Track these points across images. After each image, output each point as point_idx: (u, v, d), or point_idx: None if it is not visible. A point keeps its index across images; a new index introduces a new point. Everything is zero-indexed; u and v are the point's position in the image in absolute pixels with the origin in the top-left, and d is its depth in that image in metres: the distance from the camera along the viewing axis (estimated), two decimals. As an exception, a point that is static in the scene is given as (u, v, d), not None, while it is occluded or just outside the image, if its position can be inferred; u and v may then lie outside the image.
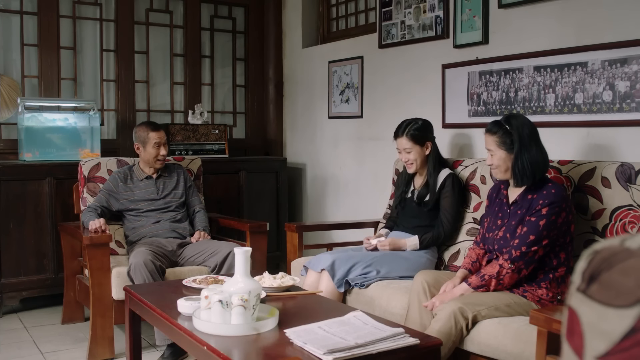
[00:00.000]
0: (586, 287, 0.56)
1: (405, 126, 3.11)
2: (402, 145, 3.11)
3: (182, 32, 4.90)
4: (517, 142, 2.37)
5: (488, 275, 2.33)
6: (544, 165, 2.39)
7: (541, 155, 2.38)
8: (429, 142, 3.11)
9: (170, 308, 2.26)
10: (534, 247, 2.28)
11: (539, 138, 2.43)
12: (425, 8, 3.73)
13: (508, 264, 2.30)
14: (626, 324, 0.51)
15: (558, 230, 2.31)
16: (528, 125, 2.41)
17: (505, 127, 2.40)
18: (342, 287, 2.80)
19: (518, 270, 2.30)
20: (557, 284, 2.35)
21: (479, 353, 2.26)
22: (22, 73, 4.32)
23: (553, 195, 2.30)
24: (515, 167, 2.38)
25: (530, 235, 2.29)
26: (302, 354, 1.79)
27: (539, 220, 2.28)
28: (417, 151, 3.08)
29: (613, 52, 2.75)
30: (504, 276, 2.31)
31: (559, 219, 2.29)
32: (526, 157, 2.36)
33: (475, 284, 2.35)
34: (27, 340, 3.45)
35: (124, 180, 3.54)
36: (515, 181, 2.42)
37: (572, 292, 0.58)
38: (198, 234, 3.49)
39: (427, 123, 3.16)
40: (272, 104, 5.21)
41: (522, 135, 2.37)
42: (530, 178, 2.37)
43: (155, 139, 3.49)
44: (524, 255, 2.28)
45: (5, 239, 3.79)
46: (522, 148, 2.36)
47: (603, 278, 0.54)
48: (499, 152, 2.42)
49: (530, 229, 2.30)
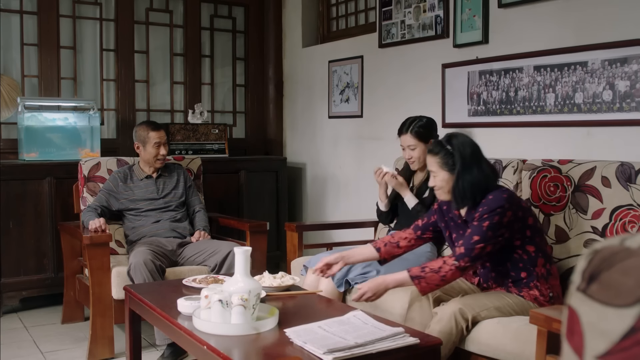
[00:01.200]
0: (586, 286, 0.56)
1: (410, 123, 3.11)
2: (406, 142, 3.11)
3: (182, 31, 4.90)
4: (459, 162, 2.32)
5: (429, 269, 2.28)
6: (486, 185, 2.33)
7: (482, 176, 2.32)
8: (432, 140, 3.11)
9: (170, 308, 2.25)
10: (479, 245, 2.24)
11: (482, 157, 2.37)
12: (425, 8, 3.73)
13: (452, 260, 2.27)
14: (626, 323, 0.51)
15: (508, 229, 2.28)
16: (470, 145, 2.36)
17: (447, 148, 2.36)
18: (342, 286, 2.80)
19: (463, 268, 2.26)
20: (545, 279, 2.34)
21: (479, 353, 2.26)
22: (22, 73, 4.32)
23: (491, 201, 2.27)
24: (455, 188, 2.34)
25: (474, 236, 2.26)
26: (302, 353, 1.79)
27: (481, 223, 2.26)
28: (421, 149, 3.08)
29: (613, 52, 2.75)
30: (446, 272, 2.26)
31: (504, 219, 2.25)
32: (467, 179, 2.31)
33: (414, 274, 2.30)
34: (27, 340, 3.45)
35: (123, 180, 3.54)
36: (455, 203, 2.38)
37: (572, 292, 0.58)
38: (198, 233, 3.49)
39: (431, 121, 3.16)
40: (272, 103, 5.21)
41: (463, 156, 2.33)
42: (469, 199, 2.33)
43: (155, 138, 3.49)
44: (468, 252, 2.25)
45: (5, 239, 3.79)
46: (464, 169, 2.32)
47: (603, 277, 0.54)
48: (441, 174, 2.37)
49: (474, 230, 2.28)
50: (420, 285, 2.28)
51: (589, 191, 2.56)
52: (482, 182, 2.32)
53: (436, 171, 2.39)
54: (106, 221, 3.31)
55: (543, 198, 2.73)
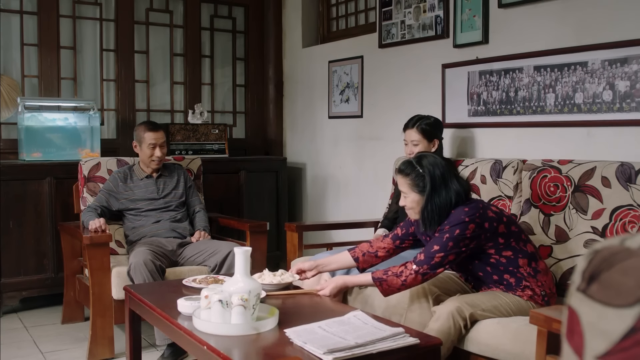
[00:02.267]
0: (586, 286, 0.56)
1: (418, 119, 3.13)
2: (410, 137, 3.12)
3: (182, 31, 4.90)
4: (429, 184, 2.33)
5: (391, 272, 2.32)
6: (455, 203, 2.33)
7: (451, 196, 2.33)
8: (436, 140, 3.13)
9: (170, 308, 2.25)
10: (439, 254, 2.27)
11: (452, 176, 2.37)
12: (425, 8, 3.73)
13: (412, 265, 2.30)
14: (626, 323, 0.51)
15: (472, 240, 2.28)
16: (440, 166, 2.36)
17: (418, 170, 2.36)
18: (342, 286, 2.80)
19: (422, 273, 2.28)
20: (533, 277, 2.34)
21: (478, 353, 2.26)
22: (22, 73, 4.32)
23: (452, 216, 2.29)
24: (424, 211, 2.35)
25: (434, 245, 2.29)
26: (302, 353, 1.79)
27: (442, 235, 2.29)
28: (425, 146, 3.09)
29: (613, 52, 2.75)
30: (406, 277, 2.29)
31: (466, 232, 2.26)
32: (436, 202, 2.33)
33: (377, 276, 2.34)
34: (27, 340, 3.45)
35: (123, 180, 3.54)
36: (422, 226, 2.38)
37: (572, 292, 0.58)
38: (198, 233, 3.49)
39: (438, 121, 3.19)
40: (272, 103, 5.21)
41: (433, 177, 2.33)
42: (436, 223, 2.34)
43: (150, 139, 3.48)
44: (428, 260, 2.28)
45: (5, 239, 3.79)
46: (433, 191, 2.33)
47: (603, 278, 0.54)
48: (412, 195, 2.38)
49: (434, 240, 2.30)
50: (382, 287, 2.33)
51: (589, 191, 2.56)
52: (450, 203, 2.33)
53: (407, 192, 2.40)
54: (106, 221, 3.31)
55: (543, 198, 2.73)
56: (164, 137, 3.57)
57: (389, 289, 2.32)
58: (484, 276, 2.40)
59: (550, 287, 2.38)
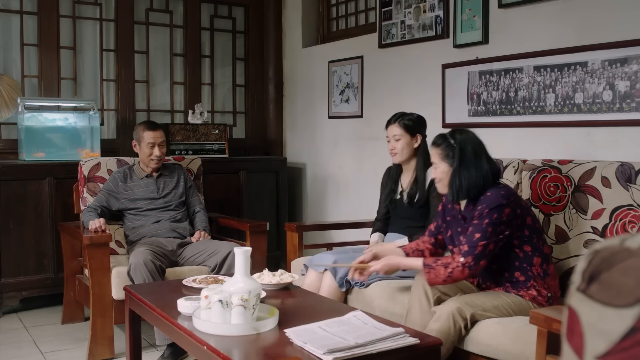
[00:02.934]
0: (586, 286, 0.56)
1: (400, 115, 3.10)
2: (392, 132, 3.08)
3: (182, 32, 4.90)
4: (458, 157, 2.35)
5: (440, 262, 2.33)
6: (483, 183, 2.34)
7: (480, 174, 2.33)
8: (419, 135, 3.06)
9: (170, 308, 2.25)
10: (482, 242, 2.26)
11: (483, 155, 2.38)
12: (425, 8, 3.73)
13: (459, 257, 2.30)
14: (626, 323, 0.51)
15: (508, 226, 2.29)
16: (473, 143, 2.37)
17: (450, 141, 2.38)
18: (342, 286, 2.81)
19: (468, 266, 2.27)
20: (542, 279, 2.34)
21: (478, 353, 2.26)
22: (22, 73, 4.32)
23: (489, 199, 2.29)
24: (452, 182, 2.36)
25: (475, 234, 2.28)
26: (302, 353, 1.79)
27: (481, 221, 2.28)
28: (406, 141, 3.04)
29: (613, 52, 2.75)
30: (453, 269, 2.29)
31: (502, 216, 2.27)
32: (464, 175, 2.33)
33: (427, 262, 2.35)
34: (27, 340, 3.45)
35: (123, 179, 3.54)
36: (450, 196, 2.40)
37: (572, 292, 0.58)
38: (198, 233, 3.49)
39: (422, 118, 3.13)
40: (272, 104, 5.21)
41: (463, 151, 2.35)
42: (464, 195, 2.35)
43: (148, 139, 3.48)
44: (472, 250, 2.27)
45: (5, 239, 3.79)
46: (462, 164, 2.34)
47: (603, 278, 0.54)
48: (442, 165, 2.40)
49: (475, 228, 2.30)
50: (429, 274, 2.33)
51: (589, 191, 2.56)
52: (479, 180, 2.33)
53: (437, 163, 2.42)
54: (106, 221, 3.31)
55: (543, 198, 2.73)
56: (163, 137, 3.56)
57: (436, 278, 2.32)
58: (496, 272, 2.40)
59: (556, 291, 2.38)
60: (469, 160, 2.34)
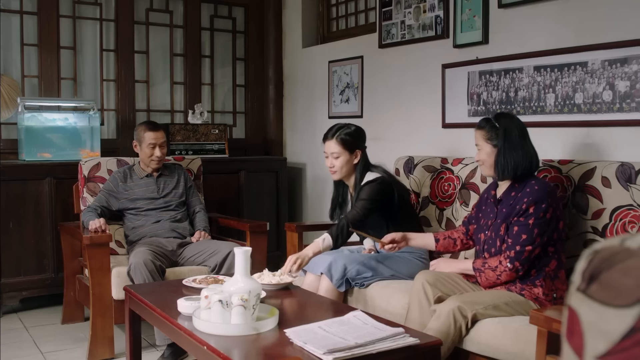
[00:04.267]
0: (586, 286, 0.56)
1: (337, 130, 2.98)
2: (329, 149, 2.97)
3: (182, 32, 4.90)
4: (502, 138, 2.38)
5: (488, 265, 2.37)
6: (529, 167, 2.38)
7: (526, 158, 2.37)
8: (358, 151, 2.97)
9: (170, 308, 2.25)
10: (528, 247, 2.28)
11: (528, 140, 2.42)
12: (425, 8, 3.73)
13: (506, 262, 2.31)
14: (626, 323, 0.51)
15: (549, 225, 2.31)
16: (517, 126, 2.41)
17: (494, 123, 2.42)
18: (342, 286, 2.80)
19: (515, 270, 2.31)
20: (551, 280, 2.35)
21: (478, 353, 2.26)
22: (22, 73, 4.32)
23: (537, 192, 2.30)
24: (497, 161, 2.39)
25: (522, 235, 2.30)
26: (302, 353, 1.79)
27: (527, 219, 2.29)
28: (345, 158, 2.94)
29: (613, 52, 2.75)
30: (501, 273, 2.32)
31: (547, 215, 2.29)
32: (510, 155, 2.37)
33: (477, 266, 2.40)
34: (27, 340, 3.45)
35: (123, 179, 3.54)
36: (497, 174, 2.42)
37: (572, 292, 0.58)
38: (198, 233, 3.49)
39: (360, 130, 3.03)
40: (272, 104, 5.21)
41: (508, 133, 2.38)
42: (510, 173, 2.38)
43: (150, 139, 3.48)
44: (519, 255, 2.29)
45: (5, 239, 3.79)
46: (507, 145, 2.37)
47: (603, 278, 0.54)
48: (486, 147, 2.43)
49: (521, 228, 2.31)
50: (481, 278, 2.39)
51: (589, 191, 2.56)
52: (525, 161, 2.37)
53: (481, 144, 2.45)
54: (106, 221, 3.31)
55: (543, 198, 2.72)
56: (164, 137, 3.56)
57: (487, 281, 2.38)
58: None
59: (562, 294, 2.38)
60: (515, 142, 2.37)
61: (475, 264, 2.42)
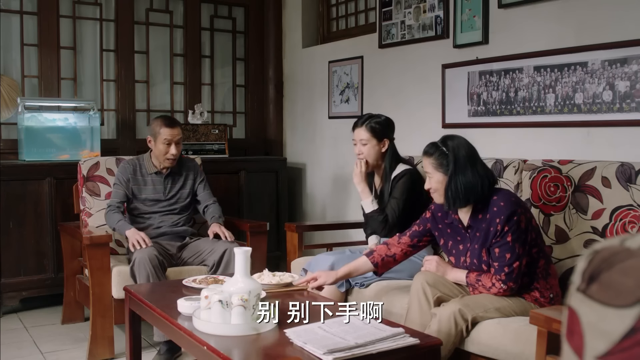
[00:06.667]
0: (586, 287, 0.56)
1: (367, 118, 3.05)
2: (358, 136, 3.03)
3: (182, 32, 4.90)
4: (452, 163, 2.30)
5: (482, 284, 2.34)
6: (481, 188, 2.31)
7: (478, 179, 2.30)
8: (386, 140, 3.02)
9: (170, 308, 2.26)
10: (515, 263, 2.26)
11: (477, 160, 2.35)
12: (425, 8, 3.73)
13: (499, 284, 2.29)
14: (626, 323, 0.51)
15: (526, 232, 2.28)
16: (465, 147, 2.34)
17: (442, 149, 2.34)
18: (342, 286, 2.80)
19: (510, 289, 2.30)
20: (544, 279, 2.34)
21: (478, 353, 2.26)
22: (22, 73, 4.32)
23: (504, 208, 2.25)
24: (448, 189, 2.32)
25: (506, 254, 2.26)
26: (302, 354, 1.79)
27: (505, 237, 2.25)
28: (373, 145, 3.00)
29: (613, 52, 2.75)
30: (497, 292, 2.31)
31: (521, 225, 2.26)
32: (460, 180, 2.29)
33: (470, 281, 2.38)
34: (27, 340, 3.45)
35: (132, 172, 3.43)
36: (447, 204, 2.35)
37: (572, 292, 0.58)
38: (214, 227, 3.38)
39: (389, 120, 3.08)
40: (272, 104, 5.21)
41: (457, 157, 2.31)
42: (463, 201, 2.32)
43: (165, 135, 3.35)
44: (510, 275, 2.27)
45: (5, 239, 3.79)
46: (457, 170, 2.30)
47: (603, 278, 0.54)
48: (436, 175, 2.36)
49: (502, 248, 2.27)
50: (474, 292, 2.38)
51: (589, 191, 2.56)
52: (476, 185, 2.30)
53: (431, 172, 2.38)
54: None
55: (543, 198, 2.73)
56: (181, 134, 3.43)
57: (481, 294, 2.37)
58: None
59: (557, 291, 2.38)
60: (464, 166, 2.30)
61: (469, 278, 2.38)
